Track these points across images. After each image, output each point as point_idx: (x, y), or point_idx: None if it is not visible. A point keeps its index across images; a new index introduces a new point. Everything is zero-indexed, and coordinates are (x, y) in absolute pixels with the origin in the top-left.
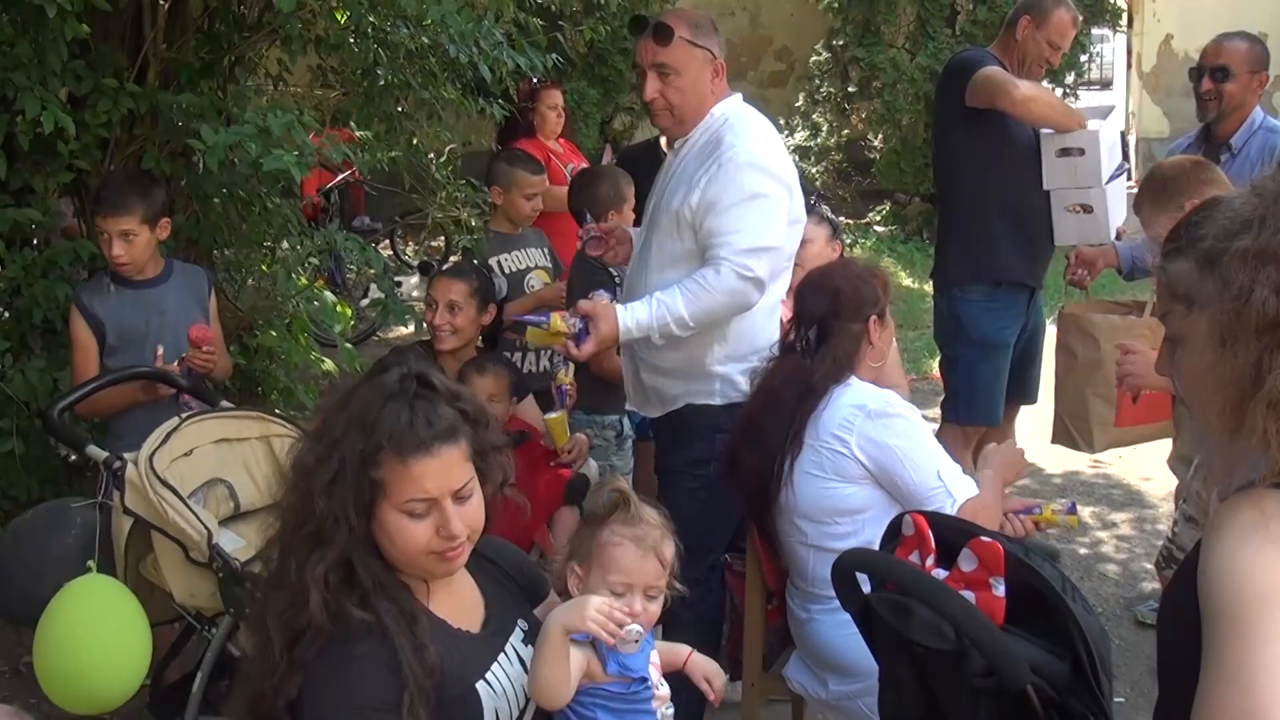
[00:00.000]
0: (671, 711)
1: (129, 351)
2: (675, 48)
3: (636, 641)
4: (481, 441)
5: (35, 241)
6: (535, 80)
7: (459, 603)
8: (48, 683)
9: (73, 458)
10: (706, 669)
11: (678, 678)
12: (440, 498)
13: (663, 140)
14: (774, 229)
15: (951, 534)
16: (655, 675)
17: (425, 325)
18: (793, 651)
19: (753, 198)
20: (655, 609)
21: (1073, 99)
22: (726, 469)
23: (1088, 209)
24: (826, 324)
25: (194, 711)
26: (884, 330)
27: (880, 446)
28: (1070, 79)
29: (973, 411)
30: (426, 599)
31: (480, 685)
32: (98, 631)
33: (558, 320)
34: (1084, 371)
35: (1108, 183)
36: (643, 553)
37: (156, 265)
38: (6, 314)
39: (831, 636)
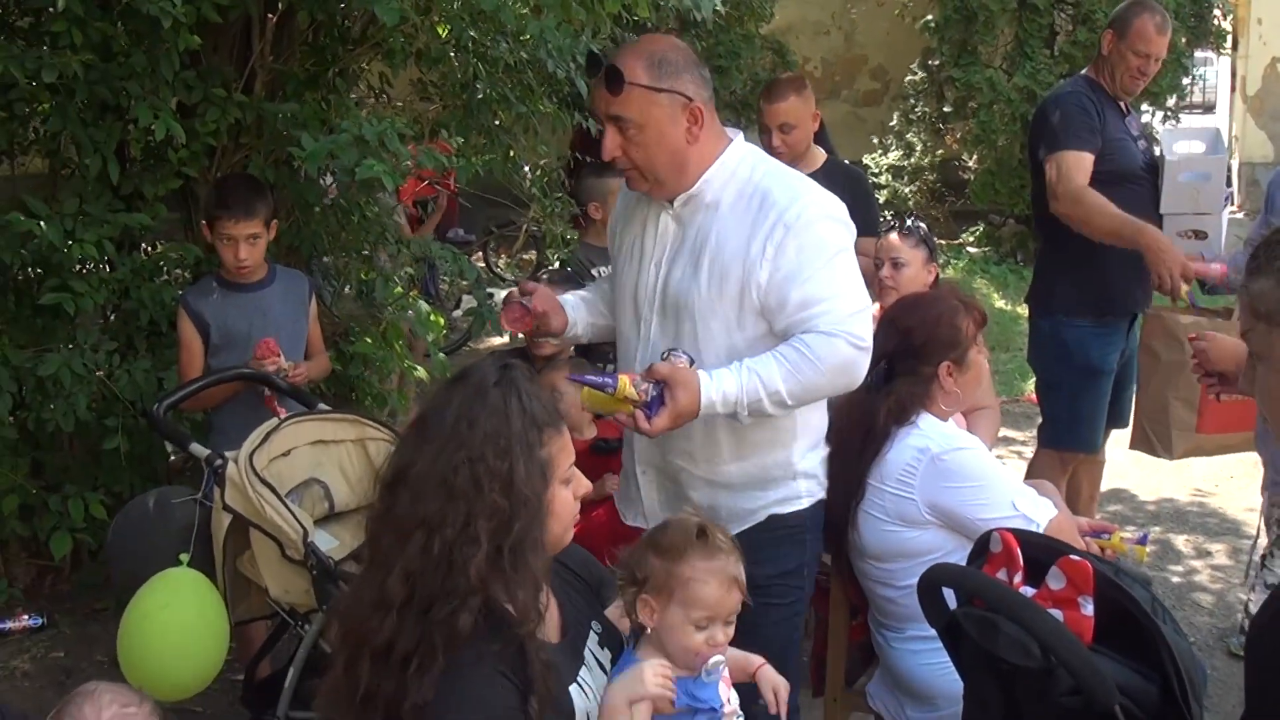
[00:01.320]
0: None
1: (232, 351)
2: (629, 97)
3: (720, 669)
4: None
5: (143, 246)
6: None
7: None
8: (127, 668)
9: (175, 455)
10: (775, 681)
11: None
12: (572, 459)
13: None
14: (862, 283)
15: (1040, 552)
16: (725, 692)
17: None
18: (876, 669)
19: (838, 254)
20: (731, 632)
21: (1174, 122)
22: None
23: (1201, 235)
24: (894, 363)
25: (286, 706)
26: (963, 374)
27: (944, 492)
28: (1172, 101)
29: (1073, 438)
30: None
31: (573, 689)
32: (173, 622)
33: (626, 384)
34: (1167, 373)
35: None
36: (725, 586)
37: (261, 269)
38: (114, 316)
39: (909, 664)
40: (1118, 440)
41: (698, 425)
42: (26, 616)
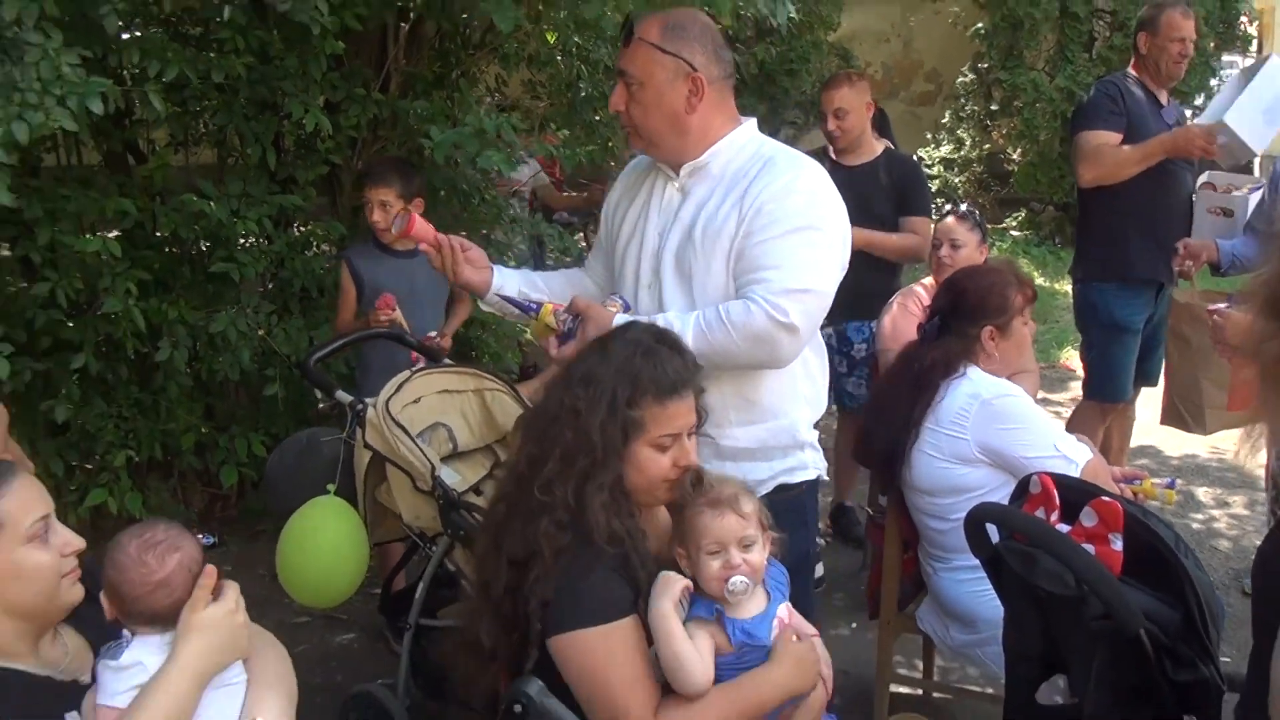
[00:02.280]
0: None
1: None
2: (636, 52)
3: (745, 591)
4: (699, 389)
5: (295, 224)
6: None
7: (664, 526)
8: (284, 580)
9: (322, 402)
10: (824, 657)
11: None
12: (682, 433)
13: (829, 150)
14: (821, 270)
15: (1074, 494)
16: (777, 629)
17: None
18: (925, 596)
19: (798, 230)
20: (755, 557)
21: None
22: (858, 443)
23: (1228, 213)
24: (945, 320)
25: (416, 614)
26: (1005, 340)
27: (995, 433)
28: (1200, 101)
29: (1105, 389)
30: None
31: None
32: (322, 542)
33: (548, 313)
34: (1197, 357)
35: (1248, 193)
36: (719, 512)
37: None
38: (271, 283)
39: (954, 592)
40: (1146, 401)
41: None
42: (200, 536)
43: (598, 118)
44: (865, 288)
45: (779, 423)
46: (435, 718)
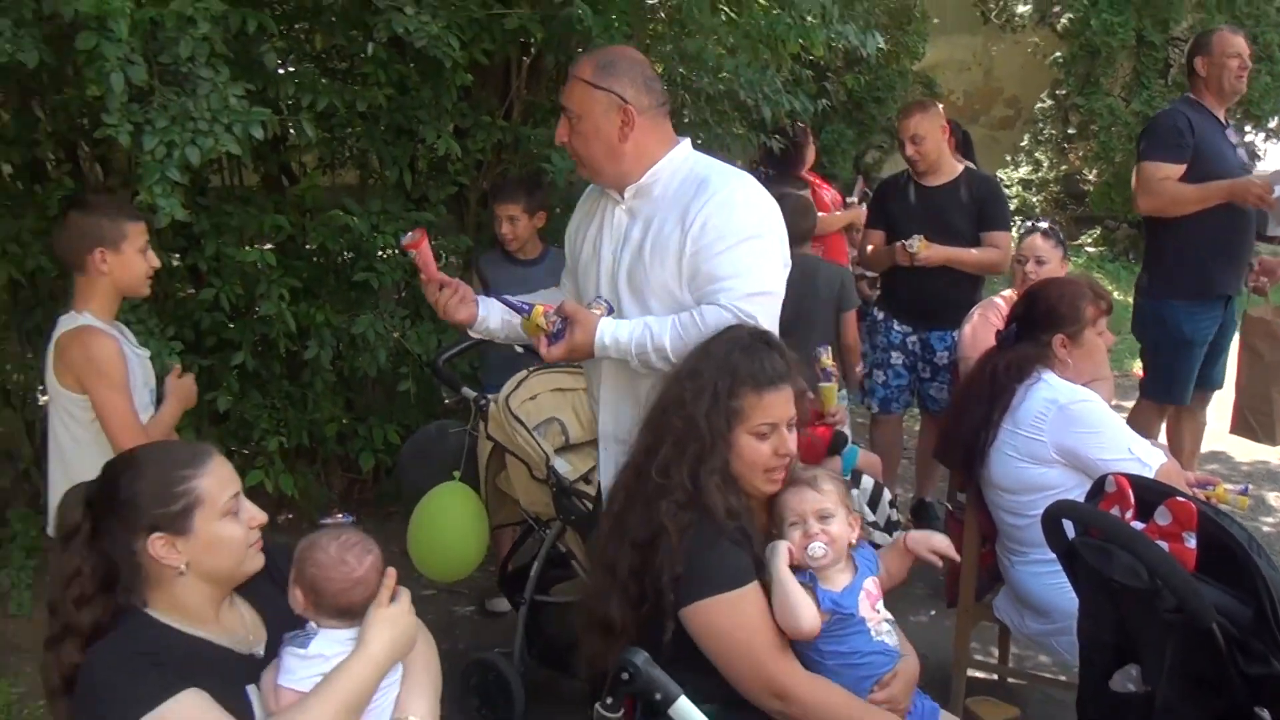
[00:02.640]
0: (888, 629)
1: None
2: (573, 90)
3: (824, 556)
4: (800, 388)
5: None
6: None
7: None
8: (414, 556)
9: (449, 398)
10: (930, 542)
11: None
12: (780, 423)
13: (910, 173)
14: (773, 272)
15: (1149, 493)
16: (865, 600)
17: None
18: (1001, 588)
19: (749, 239)
20: (835, 529)
21: (1277, 141)
22: (940, 443)
23: None
24: (1022, 327)
25: (531, 590)
26: (1076, 349)
27: (1071, 436)
28: (1275, 123)
29: (1167, 394)
30: None
31: None
32: (449, 523)
33: (539, 314)
34: (1271, 371)
35: None
36: (798, 490)
37: (535, 248)
38: (405, 290)
39: (1030, 584)
40: (1216, 408)
41: (634, 368)
42: (340, 515)
43: (699, 140)
44: (947, 299)
45: None
46: (546, 683)
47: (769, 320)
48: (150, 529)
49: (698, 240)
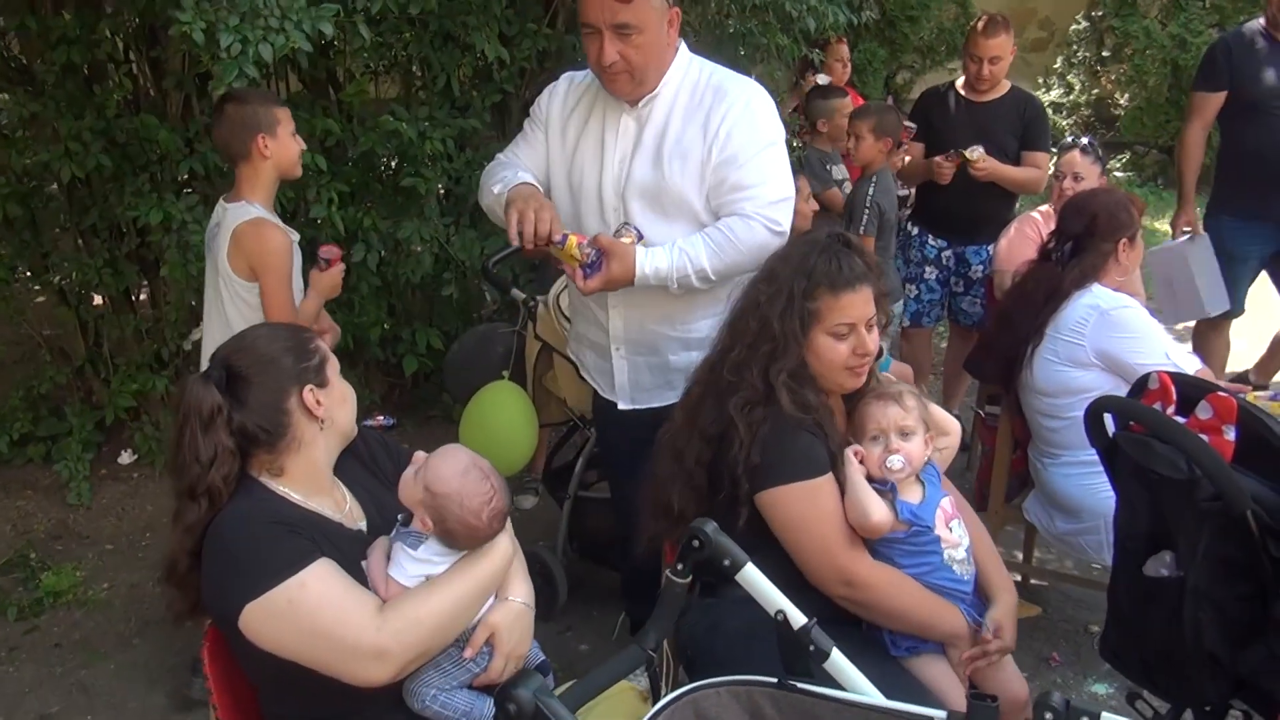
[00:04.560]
0: (961, 552)
1: None
2: (637, 4)
3: (902, 470)
4: (881, 290)
5: (470, 145)
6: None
7: (840, 414)
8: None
9: (491, 302)
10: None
11: None
12: (858, 323)
13: (957, 84)
14: (790, 177)
15: (1191, 389)
16: (941, 517)
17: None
18: (1031, 491)
19: (771, 144)
20: (913, 446)
21: None
22: (980, 351)
23: None
24: (1081, 241)
25: (574, 487)
26: (1132, 251)
27: (1110, 340)
28: None
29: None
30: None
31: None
32: (501, 419)
33: (573, 244)
34: None
35: None
36: (884, 403)
37: None
38: (449, 197)
39: (1061, 485)
40: (1238, 330)
41: (673, 292)
42: (382, 417)
43: (741, 52)
44: (983, 214)
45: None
46: (586, 574)
47: (789, 224)
48: (301, 382)
49: (723, 149)
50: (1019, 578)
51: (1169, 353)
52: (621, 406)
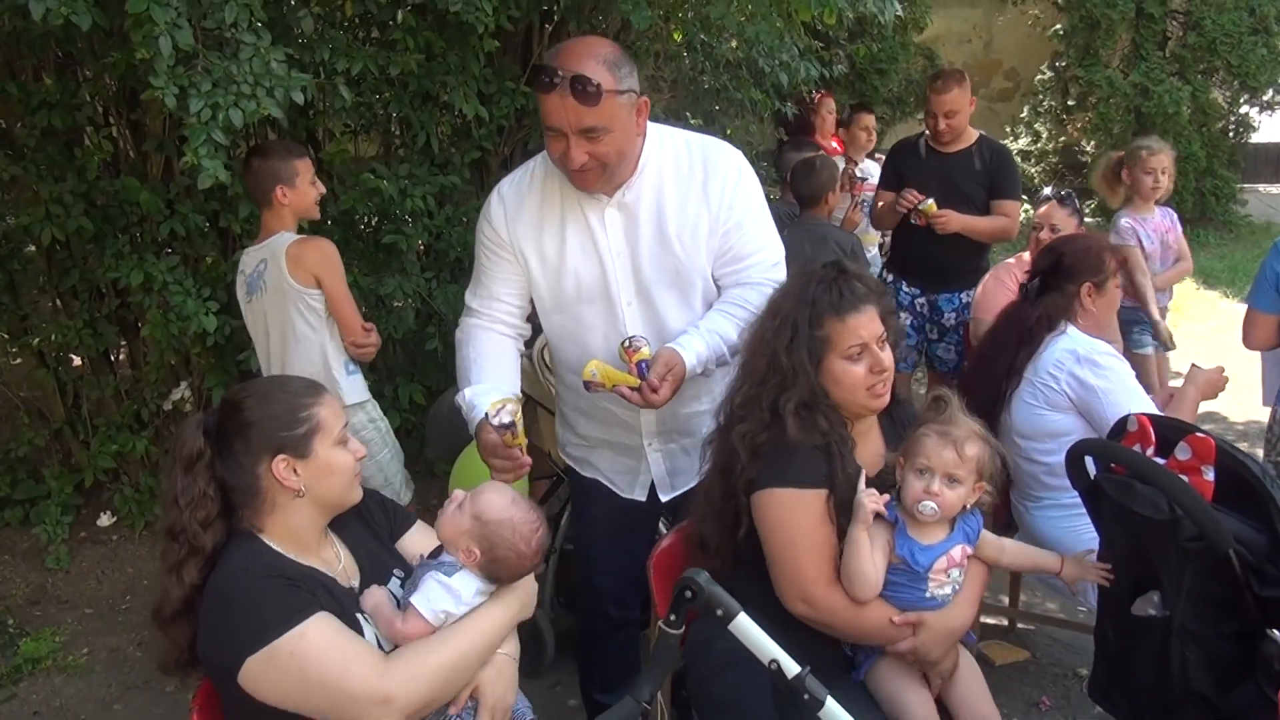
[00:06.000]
0: (946, 590)
1: None
2: (604, 106)
3: (931, 518)
4: (887, 307)
5: (451, 202)
6: (817, 89)
7: (872, 451)
8: None
9: None
10: (1076, 575)
11: None
12: (869, 342)
13: (924, 138)
14: (778, 235)
15: (1170, 431)
16: (943, 563)
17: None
18: (1015, 535)
19: (763, 207)
20: (953, 496)
21: (1271, 113)
22: (959, 391)
23: None
24: (1047, 279)
25: (560, 540)
26: (1100, 298)
27: (1084, 386)
28: (1270, 95)
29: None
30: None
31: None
32: (487, 476)
33: (609, 373)
34: None
35: None
36: (943, 443)
37: None
38: (429, 253)
39: (1044, 528)
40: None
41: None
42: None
43: (716, 108)
44: (956, 264)
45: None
46: (573, 628)
47: None
48: (275, 451)
49: (726, 219)
50: (1005, 621)
51: (1132, 406)
52: (665, 498)
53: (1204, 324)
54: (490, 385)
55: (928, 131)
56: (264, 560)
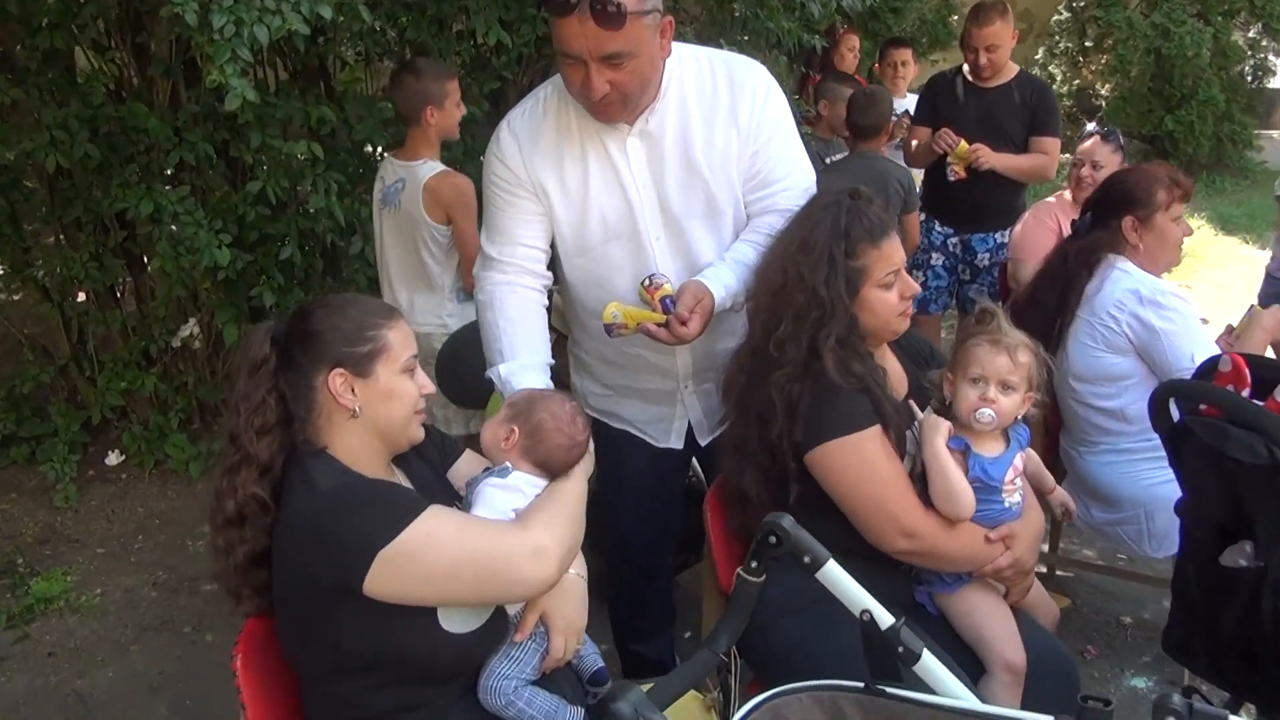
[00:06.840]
0: (1016, 496)
1: None
2: (628, 29)
3: (990, 425)
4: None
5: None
6: (841, 25)
7: (895, 372)
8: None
9: None
10: (1066, 501)
11: None
12: (900, 266)
13: (963, 70)
14: (808, 158)
15: (1266, 371)
16: (1010, 474)
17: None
18: (1062, 480)
19: (792, 128)
20: (1009, 403)
21: None
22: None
23: None
24: (1094, 212)
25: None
26: (1147, 233)
27: (1147, 327)
28: None
29: None
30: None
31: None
32: None
33: (632, 313)
34: None
35: None
36: (996, 350)
37: None
38: None
39: (1100, 473)
40: None
41: (728, 311)
42: None
43: (745, 38)
44: (991, 203)
45: None
46: (598, 571)
47: None
48: (334, 364)
49: (755, 139)
50: (1045, 568)
51: (1195, 354)
52: (704, 442)
53: (1224, 270)
54: (524, 362)
55: (966, 66)
56: (352, 473)
